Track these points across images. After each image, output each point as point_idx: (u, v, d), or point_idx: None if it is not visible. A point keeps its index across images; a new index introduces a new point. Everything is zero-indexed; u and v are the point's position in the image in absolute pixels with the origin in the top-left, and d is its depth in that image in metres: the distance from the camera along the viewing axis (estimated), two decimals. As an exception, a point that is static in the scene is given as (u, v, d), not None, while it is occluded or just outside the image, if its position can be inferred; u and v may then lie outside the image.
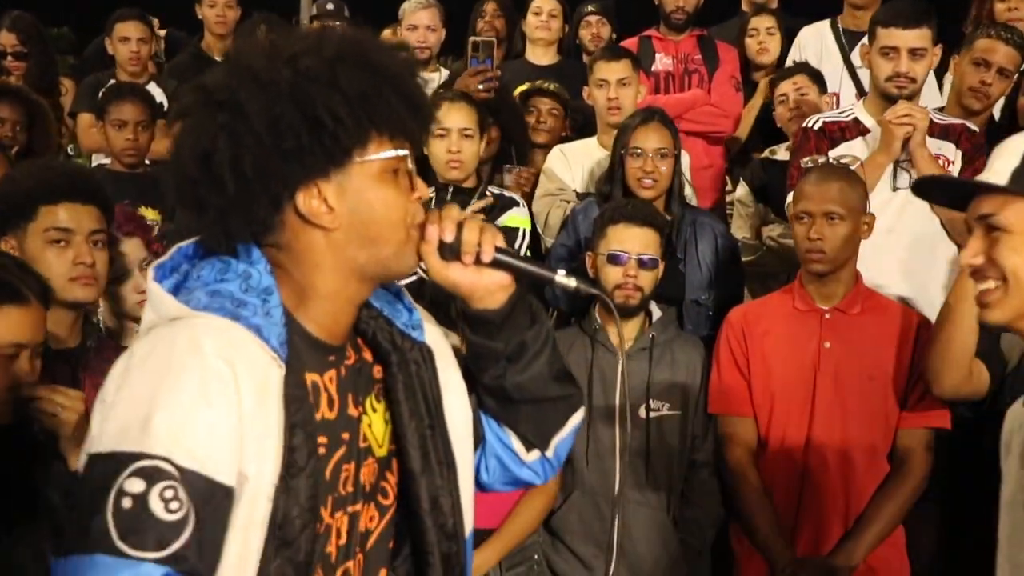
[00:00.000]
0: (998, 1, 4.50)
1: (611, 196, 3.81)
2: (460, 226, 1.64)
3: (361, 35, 1.63)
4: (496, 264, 1.66)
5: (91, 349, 2.70)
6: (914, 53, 3.67)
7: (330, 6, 5.73)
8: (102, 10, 5.54)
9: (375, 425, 1.67)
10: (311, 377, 1.57)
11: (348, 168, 1.56)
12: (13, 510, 2.19)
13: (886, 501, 3.20)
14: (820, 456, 3.22)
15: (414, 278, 1.85)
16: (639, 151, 3.79)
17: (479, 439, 1.81)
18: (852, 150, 3.70)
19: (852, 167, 3.44)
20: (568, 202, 4.13)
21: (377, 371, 1.69)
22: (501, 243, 1.67)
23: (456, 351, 1.81)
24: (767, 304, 3.47)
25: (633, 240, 3.32)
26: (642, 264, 3.31)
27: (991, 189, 1.74)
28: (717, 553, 3.45)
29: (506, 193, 3.99)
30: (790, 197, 3.70)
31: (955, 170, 3.66)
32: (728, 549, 3.41)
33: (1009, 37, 3.99)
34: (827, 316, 3.27)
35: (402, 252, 1.62)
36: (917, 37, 3.68)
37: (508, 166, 4.39)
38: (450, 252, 1.64)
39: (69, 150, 5.21)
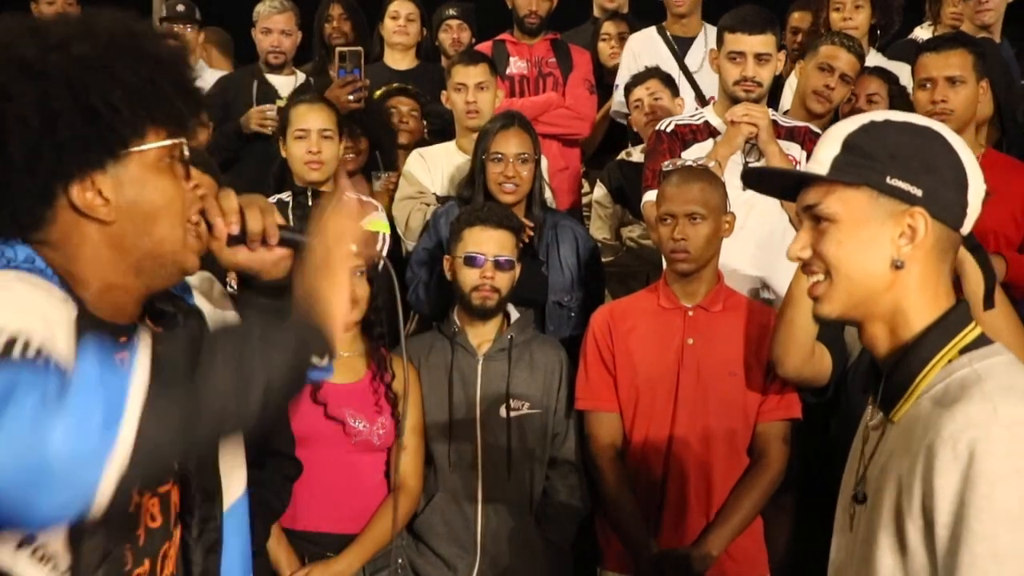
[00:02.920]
0: (833, 11, 4.70)
1: (472, 200, 3.82)
2: (242, 214, 1.67)
3: (132, 22, 1.58)
4: (281, 243, 1.73)
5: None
6: (759, 58, 3.79)
7: (180, 8, 5.55)
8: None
9: None
10: None
11: (125, 159, 1.51)
12: None
13: (745, 493, 3.23)
14: (683, 449, 3.26)
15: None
16: (500, 156, 3.80)
17: None
18: (704, 151, 3.78)
19: (710, 167, 3.51)
20: (428, 205, 4.13)
21: None
22: (280, 220, 1.72)
23: None
24: (633, 302, 3.50)
25: (489, 242, 3.35)
26: (498, 265, 3.34)
27: (812, 179, 1.70)
28: (580, 548, 3.46)
29: (363, 198, 3.95)
30: (645, 197, 3.80)
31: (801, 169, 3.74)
32: (592, 543, 3.43)
33: (851, 45, 4.17)
34: (690, 313, 3.32)
35: (182, 245, 1.60)
36: (762, 43, 3.79)
37: (376, 173, 4.38)
38: (236, 241, 1.69)
39: None
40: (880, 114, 1.72)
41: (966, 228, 1.69)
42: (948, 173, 1.65)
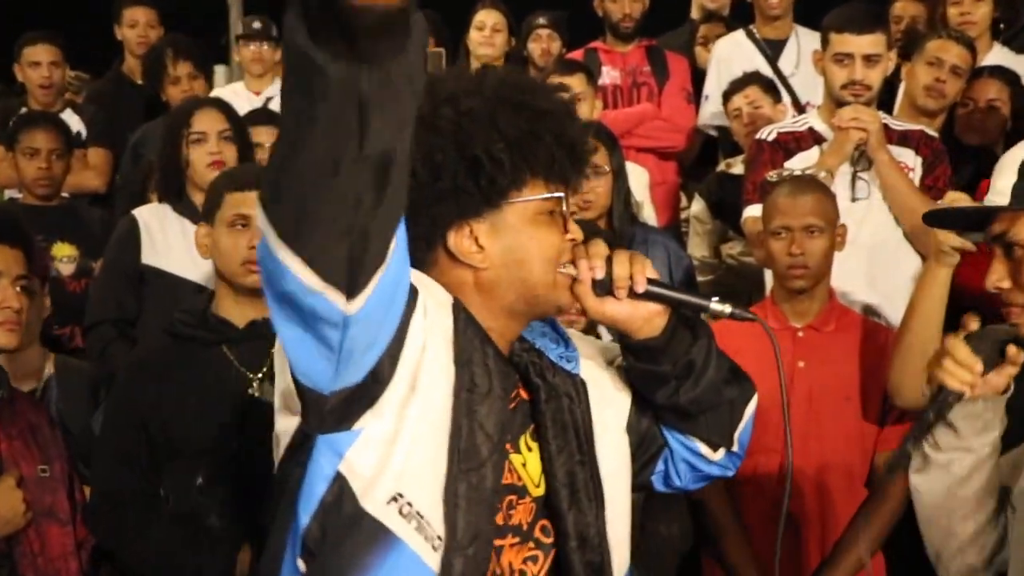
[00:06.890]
0: (951, 6, 4.33)
1: None
2: (609, 260, 1.59)
3: (520, 77, 1.65)
4: (649, 295, 1.61)
5: (3, 400, 2.44)
6: (868, 59, 3.39)
7: (257, 25, 5.20)
8: (12, 35, 4.95)
9: (529, 464, 1.62)
10: None
11: (503, 209, 1.54)
12: None
13: (863, 529, 2.90)
14: (796, 482, 2.97)
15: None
16: None
17: (660, 450, 1.78)
18: (808, 160, 3.41)
19: (820, 177, 3.20)
20: None
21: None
22: (652, 273, 1.61)
23: None
24: (738, 323, 3.06)
25: None
26: None
27: (995, 211, 1.71)
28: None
29: None
30: (747, 212, 3.47)
31: (916, 177, 3.39)
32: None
33: (959, 37, 3.87)
34: (800, 334, 3.00)
35: (551, 292, 1.59)
36: (871, 43, 3.39)
37: None
38: (602, 288, 1.59)
39: None
40: None
41: None
42: None
